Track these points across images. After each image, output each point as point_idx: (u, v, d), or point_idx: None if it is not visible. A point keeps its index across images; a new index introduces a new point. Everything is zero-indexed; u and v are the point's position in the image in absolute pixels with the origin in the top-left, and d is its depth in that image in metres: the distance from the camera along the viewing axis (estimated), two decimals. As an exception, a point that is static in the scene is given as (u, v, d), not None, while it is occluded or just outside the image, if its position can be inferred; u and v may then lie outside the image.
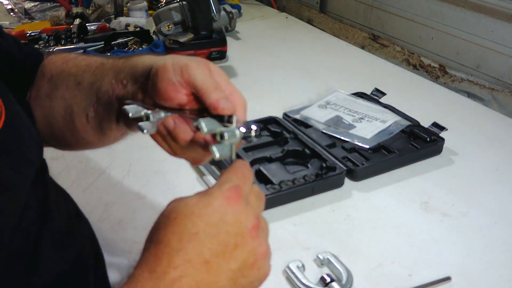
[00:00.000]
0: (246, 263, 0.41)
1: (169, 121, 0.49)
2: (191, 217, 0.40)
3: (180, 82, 0.49)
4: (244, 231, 0.41)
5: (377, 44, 1.64)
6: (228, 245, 0.40)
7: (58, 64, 0.64)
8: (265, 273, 0.44)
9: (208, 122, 0.45)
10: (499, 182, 0.95)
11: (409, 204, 0.89)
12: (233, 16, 1.59)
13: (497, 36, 1.28)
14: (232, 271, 0.41)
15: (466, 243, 0.80)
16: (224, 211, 0.41)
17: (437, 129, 1.04)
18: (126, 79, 0.56)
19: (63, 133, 0.63)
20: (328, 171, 0.91)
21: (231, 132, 0.45)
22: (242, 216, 0.41)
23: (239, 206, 0.42)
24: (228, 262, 0.40)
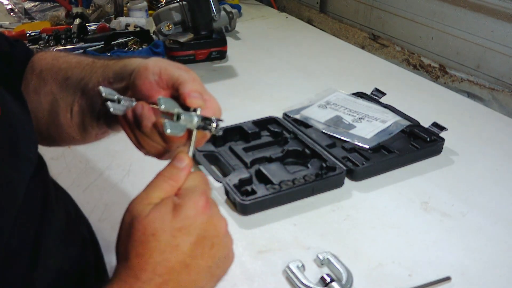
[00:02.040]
0: (221, 257, 0.46)
1: (138, 106, 0.51)
2: (171, 231, 0.43)
3: (156, 81, 0.51)
4: (219, 232, 0.46)
5: (377, 44, 1.64)
6: (205, 247, 0.45)
7: (48, 60, 0.65)
8: (233, 257, 0.49)
9: (168, 101, 0.48)
10: (499, 182, 0.95)
11: (409, 204, 0.89)
12: (233, 16, 1.59)
13: (497, 36, 1.28)
14: (209, 267, 0.45)
15: (466, 243, 0.80)
16: (200, 221, 0.44)
17: (437, 129, 1.04)
18: (113, 78, 0.57)
19: (48, 128, 0.64)
20: (328, 171, 0.91)
21: (188, 115, 0.48)
22: (215, 220, 0.46)
23: (211, 212, 0.45)
24: (206, 260, 0.45)
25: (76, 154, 1.00)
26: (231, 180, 0.88)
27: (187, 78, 0.51)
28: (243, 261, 0.76)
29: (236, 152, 0.97)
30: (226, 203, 0.87)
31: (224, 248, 0.47)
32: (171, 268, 0.43)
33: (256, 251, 0.78)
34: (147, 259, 0.43)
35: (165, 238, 0.43)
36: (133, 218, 0.44)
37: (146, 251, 0.43)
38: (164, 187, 0.46)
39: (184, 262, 0.44)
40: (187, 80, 0.50)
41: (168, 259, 0.43)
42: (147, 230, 0.43)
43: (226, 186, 0.87)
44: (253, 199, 0.84)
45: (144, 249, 0.43)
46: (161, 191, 0.46)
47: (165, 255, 0.43)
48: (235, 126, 1.03)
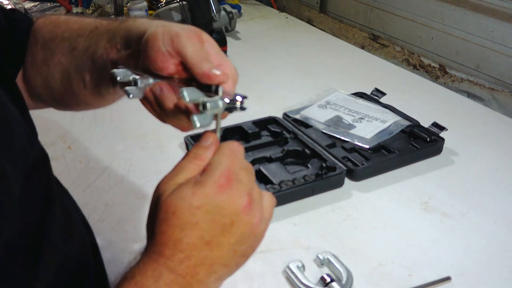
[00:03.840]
0: (243, 235, 0.47)
1: (156, 88, 0.50)
2: (190, 209, 0.44)
3: (169, 52, 0.49)
4: (238, 210, 0.45)
5: (377, 44, 1.64)
6: (225, 225, 0.45)
7: (49, 28, 0.63)
8: (262, 233, 0.49)
9: (191, 92, 0.46)
10: (499, 182, 0.95)
11: (409, 204, 0.89)
12: (233, 16, 1.59)
13: (497, 36, 1.28)
14: (231, 244, 0.46)
15: (466, 243, 0.80)
16: (219, 199, 0.44)
17: (437, 129, 1.04)
18: (120, 43, 0.55)
19: (63, 96, 0.64)
20: (328, 171, 0.91)
21: (213, 102, 0.46)
22: (235, 198, 0.45)
23: (231, 190, 0.45)
24: (228, 237, 0.46)
25: (76, 154, 1.00)
26: (231, 180, 0.88)
27: (199, 56, 0.49)
28: (243, 261, 0.76)
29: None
30: (226, 203, 0.87)
31: (245, 225, 0.46)
32: (192, 244, 0.44)
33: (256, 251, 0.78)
34: (169, 236, 0.44)
35: (185, 216, 0.44)
36: (157, 197, 0.45)
37: (168, 229, 0.44)
38: (190, 168, 0.47)
39: (204, 239, 0.45)
40: (200, 58, 0.48)
41: (189, 236, 0.44)
42: (169, 208, 0.44)
43: (226, 186, 0.87)
44: (253, 199, 0.84)
45: (166, 227, 0.44)
46: (187, 172, 0.46)
47: (185, 232, 0.44)
48: (235, 126, 1.04)
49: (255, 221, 0.47)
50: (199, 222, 0.44)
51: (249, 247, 0.49)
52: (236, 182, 0.46)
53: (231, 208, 0.45)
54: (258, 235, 0.48)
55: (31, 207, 0.49)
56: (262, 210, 0.48)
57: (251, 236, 0.48)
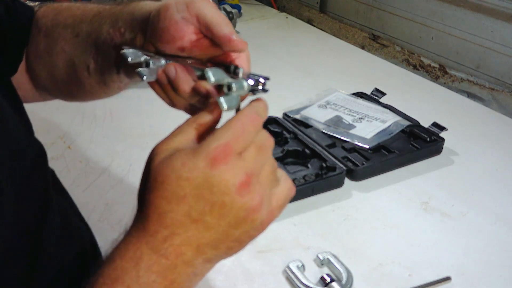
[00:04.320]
0: (236, 218, 0.42)
1: (170, 69, 0.47)
2: (178, 181, 0.40)
3: (185, 18, 0.46)
4: (230, 190, 0.40)
5: (377, 44, 1.64)
6: (214, 204, 0.41)
7: (51, 16, 0.61)
8: (263, 222, 0.43)
9: (216, 72, 0.43)
10: (499, 182, 0.95)
11: (409, 204, 0.89)
12: (233, 16, 1.59)
13: (497, 36, 1.28)
14: (221, 226, 0.42)
15: (466, 243, 0.80)
16: (209, 174, 0.40)
17: (437, 129, 1.04)
18: (123, 27, 0.53)
19: (68, 86, 0.62)
20: (328, 171, 0.91)
21: (239, 83, 0.44)
22: (227, 176, 0.40)
23: (226, 166, 0.40)
24: (217, 219, 0.41)
25: (76, 154, 1.00)
26: (231, 180, 0.88)
27: (221, 18, 0.46)
28: (243, 261, 0.76)
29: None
30: (226, 203, 0.87)
31: (239, 209, 0.41)
32: (177, 221, 0.40)
33: (256, 251, 0.78)
34: (155, 208, 0.41)
35: (172, 187, 0.40)
36: (149, 161, 0.42)
37: (155, 199, 0.41)
38: (188, 130, 0.43)
39: (191, 216, 0.40)
40: (222, 20, 0.46)
41: (175, 211, 0.40)
42: (157, 177, 0.41)
43: (226, 186, 0.87)
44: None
45: (153, 197, 0.41)
46: (184, 134, 0.43)
47: (171, 206, 0.40)
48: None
49: (252, 205, 0.41)
50: (187, 196, 0.40)
51: (245, 233, 0.43)
52: (236, 158, 0.41)
53: (221, 186, 0.40)
54: (256, 222, 0.42)
55: (27, 210, 0.48)
56: (265, 195, 0.42)
57: (247, 221, 0.42)
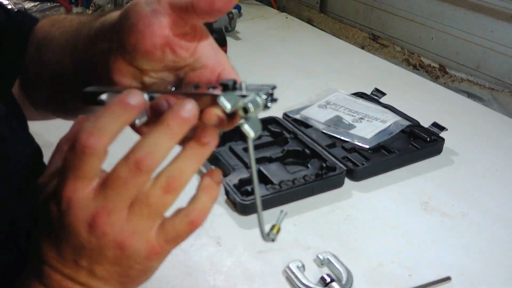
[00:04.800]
0: (105, 256, 0.39)
1: (161, 104, 0.42)
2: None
3: (156, 11, 0.39)
4: (79, 230, 0.38)
5: (377, 44, 1.64)
6: (76, 247, 0.39)
7: (46, 28, 0.58)
8: (144, 257, 0.40)
9: (230, 97, 0.38)
10: (499, 182, 0.95)
11: (409, 204, 0.89)
12: (233, 16, 1.59)
13: (497, 36, 1.28)
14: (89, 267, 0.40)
15: (466, 243, 0.80)
16: (61, 214, 0.39)
17: (437, 129, 1.04)
18: (95, 36, 0.47)
19: (54, 101, 0.59)
20: (328, 171, 0.91)
21: (253, 102, 0.38)
22: (77, 215, 0.38)
23: (77, 204, 0.38)
24: (87, 261, 0.39)
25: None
26: (231, 180, 0.88)
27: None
28: (243, 261, 0.76)
29: (236, 152, 0.97)
30: (226, 203, 0.87)
31: (100, 248, 0.39)
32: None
33: (256, 251, 0.78)
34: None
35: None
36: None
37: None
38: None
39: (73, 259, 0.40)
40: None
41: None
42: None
43: (226, 186, 0.87)
44: (253, 199, 0.84)
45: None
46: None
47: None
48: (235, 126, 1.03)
49: (108, 241, 0.38)
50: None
51: (130, 269, 0.40)
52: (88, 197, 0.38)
53: (70, 227, 0.38)
54: (132, 257, 0.39)
55: (24, 208, 0.47)
56: (127, 229, 0.38)
57: (121, 258, 0.39)
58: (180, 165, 0.38)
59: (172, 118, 0.37)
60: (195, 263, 0.76)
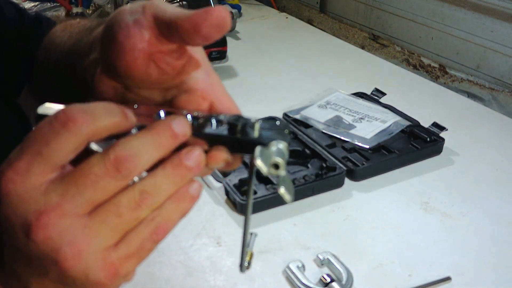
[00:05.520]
0: (40, 266, 0.32)
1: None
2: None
3: (138, 21, 0.35)
4: (17, 232, 0.31)
5: (377, 44, 1.64)
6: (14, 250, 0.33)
7: (57, 33, 0.56)
8: (94, 277, 0.32)
9: (263, 154, 0.33)
10: (499, 182, 0.95)
11: (409, 204, 0.89)
12: (233, 16, 1.59)
13: (497, 36, 1.28)
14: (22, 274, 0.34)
15: (466, 243, 0.80)
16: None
17: (437, 129, 1.04)
18: (90, 48, 0.44)
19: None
20: (328, 171, 0.91)
21: (279, 153, 0.34)
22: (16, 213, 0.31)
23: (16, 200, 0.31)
24: (22, 267, 0.34)
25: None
26: (231, 180, 0.88)
27: (184, 11, 0.34)
28: (243, 261, 0.76)
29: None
30: (226, 203, 0.87)
31: (38, 257, 0.31)
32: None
33: (256, 251, 0.77)
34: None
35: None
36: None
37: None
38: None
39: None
40: (184, 12, 0.34)
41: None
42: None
43: (226, 186, 0.87)
44: (253, 199, 0.84)
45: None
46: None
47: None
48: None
49: (46, 249, 0.31)
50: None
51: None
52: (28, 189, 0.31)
53: (9, 228, 0.32)
54: (69, 275, 0.31)
55: None
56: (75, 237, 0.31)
57: (53, 272, 0.32)
58: (156, 181, 0.33)
59: (163, 129, 0.33)
60: (195, 263, 0.76)
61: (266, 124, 0.36)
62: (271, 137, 0.34)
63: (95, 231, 0.31)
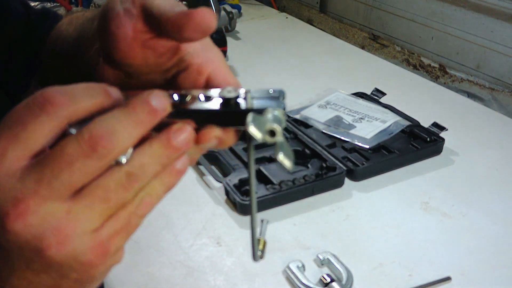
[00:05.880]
0: (21, 257, 0.30)
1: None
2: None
3: (128, 10, 0.34)
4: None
5: (377, 44, 1.64)
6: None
7: (63, 27, 0.55)
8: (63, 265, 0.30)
9: (257, 120, 0.32)
10: (499, 182, 0.95)
11: (409, 204, 0.89)
12: (233, 16, 1.59)
13: (497, 36, 1.28)
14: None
15: (466, 243, 0.80)
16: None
17: (437, 129, 1.04)
18: (94, 37, 0.43)
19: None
20: (328, 171, 0.91)
21: (276, 119, 0.32)
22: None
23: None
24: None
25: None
26: (231, 180, 0.88)
27: (170, 2, 0.34)
28: (243, 261, 0.76)
29: (236, 152, 0.97)
30: (226, 203, 0.87)
31: (19, 247, 0.30)
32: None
33: (256, 251, 0.78)
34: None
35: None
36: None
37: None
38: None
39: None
40: (171, 3, 0.33)
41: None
42: None
43: (226, 186, 0.87)
44: (253, 199, 0.84)
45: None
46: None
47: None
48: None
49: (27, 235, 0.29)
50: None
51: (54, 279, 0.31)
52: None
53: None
54: (52, 260, 0.30)
55: None
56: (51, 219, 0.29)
57: (35, 260, 0.30)
58: (143, 162, 0.31)
59: (140, 104, 0.30)
60: (195, 263, 0.76)
61: (259, 93, 0.34)
62: (264, 105, 0.33)
63: (81, 215, 0.30)
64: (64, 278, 0.31)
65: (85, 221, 0.30)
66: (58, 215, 0.29)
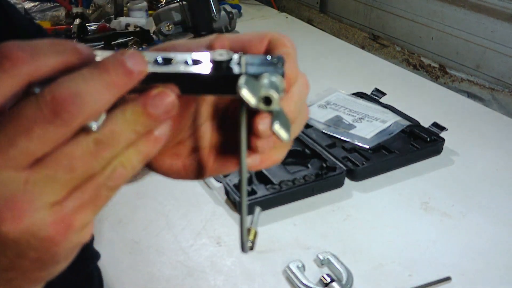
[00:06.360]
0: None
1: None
2: None
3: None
4: None
5: (377, 44, 1.64)
6: None
7: None
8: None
9: (249, 83, 0.28)
10: (499, 182, 0.95)
11: (409, 204, 0.89)
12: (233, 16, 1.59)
13: (497, 36, 1.28)
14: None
15: (466, 243, 0.80)
16: None
17: (437, 129, 1.04)
18: None
19: None
20: (328, 171, 0.91)
21: (272, 85, 0.29)
22: None
23: None
24: None
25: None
26: (231, 180, 0.88)
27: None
28: (243, 261, 0.76)
29: (236, 152, 0.97)
30: (226, 203, 0.87)
31: None
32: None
33: (256, 251, 0.77)
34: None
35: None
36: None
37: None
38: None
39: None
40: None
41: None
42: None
43: (226, 186, 0.87)
44: (253, 199, 0.84)
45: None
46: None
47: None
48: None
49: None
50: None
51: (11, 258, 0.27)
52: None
53: None
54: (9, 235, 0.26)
55: None
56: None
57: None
58: (115, 129, 0.27)
59: (114, 64, 0.26)
60: (195, 263, 0.76)
61: (255, 59, 0.30)
62: (260, 71, 0.29)
63: (41, 186, 0.26)
64: (22, 258, 0.27)
65: (45, 193, 0.26)
66: (14, 186, 0.25)
